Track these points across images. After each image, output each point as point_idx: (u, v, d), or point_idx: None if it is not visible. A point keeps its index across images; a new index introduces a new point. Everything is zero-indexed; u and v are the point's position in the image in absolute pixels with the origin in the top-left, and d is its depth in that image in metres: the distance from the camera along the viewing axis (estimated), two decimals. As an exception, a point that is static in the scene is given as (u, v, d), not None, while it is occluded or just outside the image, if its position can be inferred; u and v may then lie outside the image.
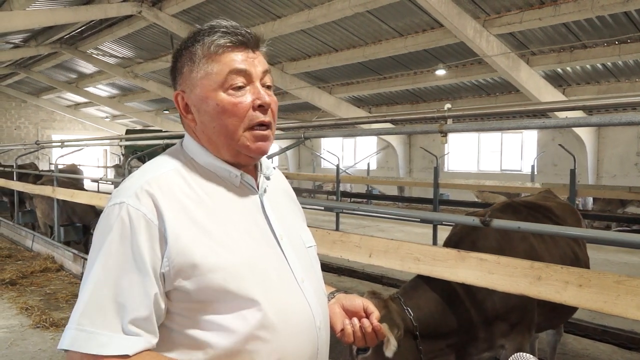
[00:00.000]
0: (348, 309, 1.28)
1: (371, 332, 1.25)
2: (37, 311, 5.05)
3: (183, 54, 1.15)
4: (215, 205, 1.10)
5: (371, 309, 1.28)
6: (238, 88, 1.11)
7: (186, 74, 1.14)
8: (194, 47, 1.13)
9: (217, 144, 1.13)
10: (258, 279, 1.07)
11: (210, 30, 1.13)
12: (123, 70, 18.42)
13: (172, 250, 1.02)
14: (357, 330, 1.25)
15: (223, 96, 1.10)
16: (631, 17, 8.99)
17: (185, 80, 1.14)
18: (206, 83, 1.11)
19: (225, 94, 1.10)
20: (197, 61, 1.12)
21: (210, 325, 1.04)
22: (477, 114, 4.10)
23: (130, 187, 1.07)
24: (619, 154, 13.68)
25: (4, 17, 11.14)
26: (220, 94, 1.10)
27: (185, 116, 1.16)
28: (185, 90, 1.14)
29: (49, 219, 8.56)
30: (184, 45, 1.16)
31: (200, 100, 1.12)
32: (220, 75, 1.10)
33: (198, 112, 1.13)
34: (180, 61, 1.16)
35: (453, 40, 10.70)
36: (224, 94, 1.10)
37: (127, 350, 0.98)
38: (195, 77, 1.12)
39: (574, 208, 3.71)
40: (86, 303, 0.99)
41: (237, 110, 1.10)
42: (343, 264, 6.97)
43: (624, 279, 2.10)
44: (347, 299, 1.31)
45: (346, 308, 1.29)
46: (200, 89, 1.11)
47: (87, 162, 23.17)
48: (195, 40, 1.13)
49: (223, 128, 1.11)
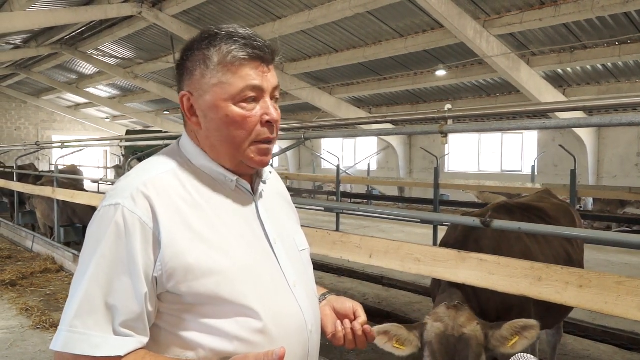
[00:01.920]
0: (339, 311, 1.30)
1: (361, 335, 1.26)
2: (37, 312, 5.06)
3: (196, 54, 1.12)
4: (210, 209, 1.10)
5: (359, 314, 1.29)
6: (249, 101, 1.10)
7: (197, 77, 1.12)
8: (209, 51, 1.10)
9: (220, 151, 1.13)
10: (251, 284, 1.07)
11: (228, 37, 1.10)
12: (123, 71, 18.43)
13: (165, 254, 1.02)
14: (348, 333, 1.26)
15: (234, 108, 1.09)
16: (631, 18, 8.99)
17: (195, 83, 1.12)
18: (218, 91, 1.09)
19: (236, 107, 1.09)
20: (211, 67, 1.10)
21: (203, 327, 1.04)
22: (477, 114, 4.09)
23: (126, 187, 1.06)
24: (619, 154, 13.67)
25: (5, 18, 11.15)
26: (231, 105, 1.09)
27: (190, 118, 1.14)
28: (194, 93, 1.12)
29: (48, 219, 8.56)
30: (197, 46, 1.13)
31: (209, 107, 1.11)
32: (234, 88, 1.09)
33: (205, 118, 1.12)
34: (192, 61, 1.13)
35: (453, 41, 10.70)
36: (235, 106, 1.09)
37: (119, 351, 0.98)
38: (207, 83, 1.10)
39: (569, 208, 3.70)
40: (79, 305, 1.00)
41: (245, 124, 1.10)
42: (343, 265, 6.97)
43: (625, 280, 2.10)
44: (338, 301, 1.32)
45: (337, 310, 1.30)
46: (212, 96, 1.10)
47: (87, 162, 23.20)
48: (210, 44, 1.11)
49: (229, 139, 1.11)
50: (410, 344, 2.12)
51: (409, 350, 2.12)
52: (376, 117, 4.77)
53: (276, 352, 0.98)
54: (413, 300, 5.83)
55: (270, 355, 0.99)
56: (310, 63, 14.07)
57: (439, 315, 2.18)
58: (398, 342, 2.10)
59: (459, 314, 2.16)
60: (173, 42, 13.60)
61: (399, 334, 2.11)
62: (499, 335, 2.09)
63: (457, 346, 2.06)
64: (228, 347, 1.04)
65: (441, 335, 2.10)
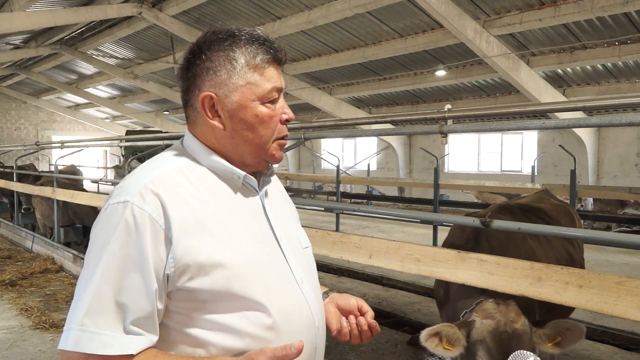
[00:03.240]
0: (343, 308, 1.30)
1: (367, 329, 1.27)
2: (37, 312, 5.05)
3: (219, 55, 1.12)
4: (218, 206, 1.10)
5: (365, 308, 1.30)
6: (272, 102, 1.16)
7: (223, 77, 1.12)
8: (234, 53, 1.12)
9: (244, 150, 1.15)
10: (261, 280, 1.08)
11: (251, 39, 1.14)
12: (123, 71, 18.43)
13: (177, 251, 1.02)
14: (353, 329, 1.27)
15: (262, 108, 1.14)
16: (631, 18, 8.99)
17: (221, 83, 1.12)
18: (247, 92, 1.12)
19: (264, 106, 1.14)
20: (238, 68, 1.12)
21: (213, 324, 1.04)
22: (477, 114, 4.08)
23: (134, 185, 1.06)
24: (619, 154, 13.68)
25: (4, 18, 11.15)
26: (259, 105, 1.13)
27: (211, 118, 1.13)
28: (219, 93, 1.12)
29: (48, 220, 8.55)
30: (217, 47, 1.13)
31: (237, 107, 1.12)
32: (262, 89, 1.13)
33: (231, 118, 1.13)
34: (214, 62, 1.12)
35: (453, 41, 10.70)
36: (262, 106, 1.14)
37: (131, 349, 0.98)
38: (235, 84, 1.12)
39: (568, 208, 3.70)
40: (89, 303, 0.99)
41: (271, 123, 1.16)
42: (343, 265, 6.97)
43: (624, 280, 2.10)
44: (341, 298, 1.33)
45: (341, 307, 1.31)
46: (239, 96, 1.12)
47: (87, 163, 23.20)
48: (234, 45, 1.12)
49: (257, 138, 1.15)
50: (458, 344, 2.03)
51: (457, 350, 2.04)
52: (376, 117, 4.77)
53: (295, 345, 0.99)
54: (413, 300, 5.83)
55: (288, 348, 0.99)
56: (310, 63, 14.08)
57: (488, 311, 2.11)
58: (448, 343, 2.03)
59: (508, 309, 2.11)
60: (173, 42, 13.63)
61: (450, 334, 2.03)
62: (541, 332, 2.04)
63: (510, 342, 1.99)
64: (239, 343, 1.04)
65: (494, 332, 2.03)
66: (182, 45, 13.70)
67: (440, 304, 2.79)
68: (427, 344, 2.02)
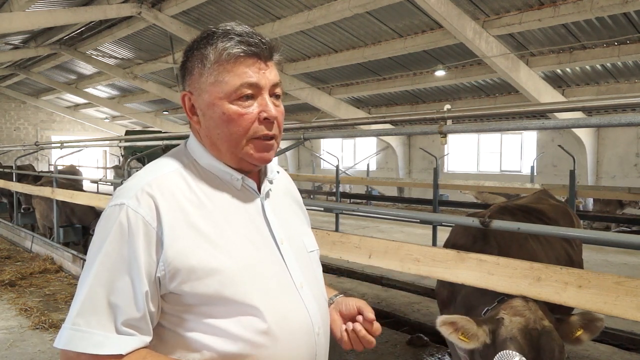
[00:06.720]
0: (344, 314, 1.27)
1: (363, 334, 1.22)
2: (36, 312, 5.05)
3: (194, 54, 1.13)
4: (215, 209, 1.10)
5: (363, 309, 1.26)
6: (246, 98, 1.10)
7: (196, 76, 1.13)
8: (206, 50, 1.11)
9: (221, 149, 1.14)
10: (256, 284, 1.07)
11: (225, 35, 1.10)
12: (122, 71, 18.42)
13: (168, 254, 1.02)
14: (352, 336, 1.24)
15: (229, 106, 1.09)
16: (630, 18, 9.00)
17: (194, 82, 1.13)
18: (215, 90, 1.10)
19: (232, 104, 1.09)
20: (207, 66, 1.11)
21: (207, 328, 1.04)
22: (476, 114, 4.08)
23: (131, 187, 1.07)
24: (618, 154, 13.69)
25: (4, 18, 11.14)
26: (226, 103, 1.10)
27: (191, 117, 1.16)
28: (193, 92, 1.14)
29: (47, 220, 8.55)
30: (195, 45, 1.14)
31: (206, 105, 1.12)
32: (229, 86, 1.09)
33: (204, 116, 1.13)
34: (191, 61, 1.14)
35: (452, 41, 10.70)
36: (231, 104, 1.09)
37: (121, 349, 0.99)
38: (204, 82, 1.11)
39: (567, 209, 3.70)
40: (82, 303, 1.00)
41: (242, 121, 1.10)
42: (342, 265, 6.97)
43: (624, 280, 2.10)
44: (343, 303, 1.29)
45: (343, 313, 1.28)
46: (208, 94, 1.11)
47: (86, 163, 23.18)
48: (207, 43, 1.11)
49: (227, 136, 1.11)
50: (476, 339, 2.03)
51: (473, 344, 2.04)
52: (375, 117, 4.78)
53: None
54: (412, 300, 5.83)
55: None
56: (310, 63, 14.07)
57: (517, 309, 2.11)
58: (464, 335, 2.04)
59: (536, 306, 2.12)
60: (172, 42, 13.62)
61: (467, 327, 2.04)
62: (566, 327, 2.06)
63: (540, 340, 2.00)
64: (232, 348, 1.03)
65: (524, 329, 2.03)
66: (181, 45, 13.69)
67: (443, 304, 2.78)
68: (442, 329, 2.03)
